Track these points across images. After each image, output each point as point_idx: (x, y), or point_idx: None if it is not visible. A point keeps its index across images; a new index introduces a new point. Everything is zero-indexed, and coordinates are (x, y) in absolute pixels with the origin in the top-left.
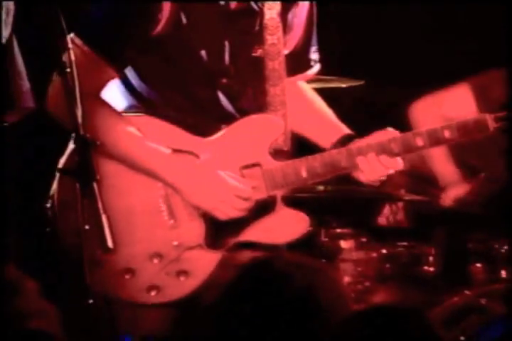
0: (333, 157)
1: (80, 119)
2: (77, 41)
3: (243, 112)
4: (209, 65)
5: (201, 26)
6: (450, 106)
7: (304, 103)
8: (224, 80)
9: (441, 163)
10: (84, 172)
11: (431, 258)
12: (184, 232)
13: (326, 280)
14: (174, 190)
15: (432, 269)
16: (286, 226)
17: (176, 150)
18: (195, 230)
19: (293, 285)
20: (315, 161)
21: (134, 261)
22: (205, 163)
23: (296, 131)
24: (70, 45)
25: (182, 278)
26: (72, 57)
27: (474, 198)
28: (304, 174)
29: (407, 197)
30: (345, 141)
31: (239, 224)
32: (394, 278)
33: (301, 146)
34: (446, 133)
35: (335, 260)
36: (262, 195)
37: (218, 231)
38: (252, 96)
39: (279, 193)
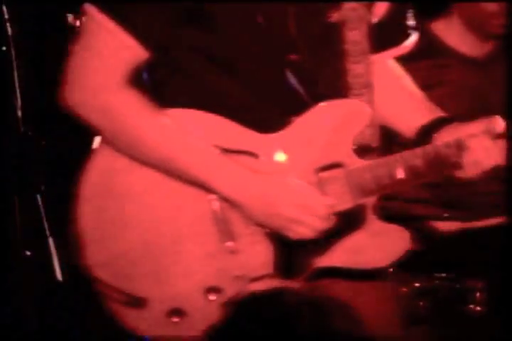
0: (439, 150)
1: (19, 112)
2: (92, 10)
3: (319, 98)
4: (270, 35)
5: None
6: None
7: (391, 84)
8: (292, 56)
9: None
10: (24, 181)
11: (478, 295)
12: (248, 258)
13: (346, 324)
14: (231, 203)
15: (479, 308)
16: (382, 245)
17: (228, 151)
18: (262, 255)
19: (301, 329)
20: (415, 157)
21: (183, 298)
22: (269, 166)
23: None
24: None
25: None
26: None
27: None
28: (401, 174)
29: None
30: (439, 123)
31: (319, 245)
32: (430, 320)
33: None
34: None
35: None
36: (346, 204)
37: (292, 254)
38: (330, 76)
39: (369, 202)
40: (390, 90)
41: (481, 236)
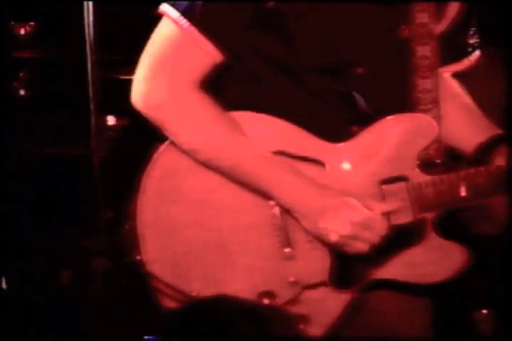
0: (501, 171)
1: None
2: (172, 13)
3: (383, 112)
4: (338, 48)
5: None
6: None
7: (450, 100)
8: (359, 70)
9: None
10: None
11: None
12: (304, 265)
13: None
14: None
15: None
16: (439, 261)
17: (296, 157)
18: (318, 262)
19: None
20: (478, 176)
21: None
22: (334, 175)
23: None
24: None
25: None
26: None
27: None
28: (463, 192)
29: None
30: (498, 141)
31: (377, 257)
32: None
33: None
34: None
35: None
36: (407, 218)
37: (349, 265)
38: (397, 91)
39: (429, 217)
40: (450, 106)
41: None
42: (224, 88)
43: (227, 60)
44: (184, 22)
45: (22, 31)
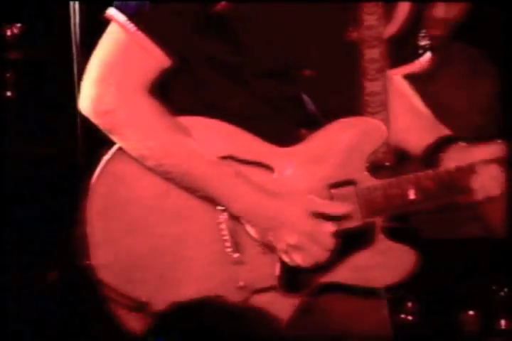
0: (451, 174)
1: None
2: (119, 17)
3: (331, 115)
4: (286, 50)
5: None
6: None
7: (398, 101)
8: (307, 72)
9: None
10: None
11: (409, 304)
12: (253, 269)
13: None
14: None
15: (410, 318)
16: (387, 264)
17: (244, 162)
18: (267, 267)
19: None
20: (427, 179)
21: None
22: (282, 179)
23: None
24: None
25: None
26: None
27: None
28: (412, 195)
29: None
30: (445, 142)
31: (326, 261)
32: None
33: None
34: None
35: None
36: (356, 222)
37: (297, 269)
38: (343, 93)
39: (378, 220)
40: (398, 108)
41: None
42: (172, 92)
43: (175, 64)
44: (131, 26)
45: (8, 32)
